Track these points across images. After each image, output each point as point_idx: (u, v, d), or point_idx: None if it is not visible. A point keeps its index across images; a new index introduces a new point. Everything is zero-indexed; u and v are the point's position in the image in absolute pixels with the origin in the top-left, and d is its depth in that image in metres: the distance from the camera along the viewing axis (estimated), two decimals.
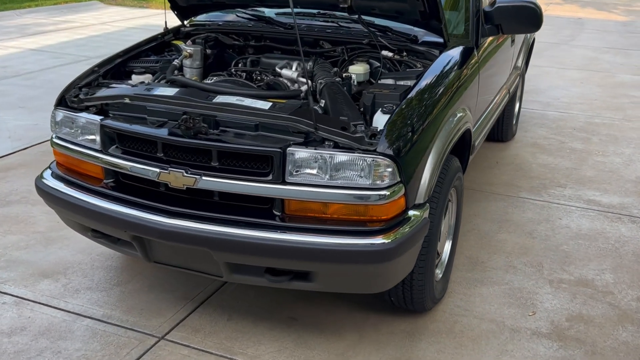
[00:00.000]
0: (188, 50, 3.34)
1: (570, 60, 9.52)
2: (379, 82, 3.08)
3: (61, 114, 2.98)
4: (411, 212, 2.65)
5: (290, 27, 3.53)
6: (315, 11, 3.59)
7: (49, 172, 3.11)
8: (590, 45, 10.69)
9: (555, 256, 3.84)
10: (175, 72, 3.29)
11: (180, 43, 3.71)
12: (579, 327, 3.17)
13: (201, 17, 3.90)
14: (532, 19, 3.54)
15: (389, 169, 2.48)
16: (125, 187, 2.85)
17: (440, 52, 3.26)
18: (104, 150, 2.83)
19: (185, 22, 3.86)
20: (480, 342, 3.04)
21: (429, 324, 3.16)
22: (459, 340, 3.04)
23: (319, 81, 3.01)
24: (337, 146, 2.53)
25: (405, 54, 3.31)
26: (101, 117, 2.83)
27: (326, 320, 3.18)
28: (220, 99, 2.71)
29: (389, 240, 2.51)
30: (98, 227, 2.90)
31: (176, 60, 3.33)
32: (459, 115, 3.10)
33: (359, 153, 2.48)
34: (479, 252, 3.86)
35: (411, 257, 2.70)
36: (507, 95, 4.91)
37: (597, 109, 7.02)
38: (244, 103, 2.67)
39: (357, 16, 3.34)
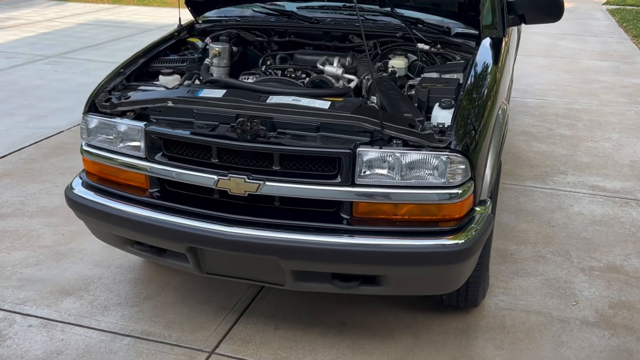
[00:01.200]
0: (216, 49, 3.18)
1: (532, 47, 9.70)
2: (424, 75, 3.00)
3: (95, 120, 2.77)
4: (477, 209, 2.60)
5: (316, 21, 3.41)
6: (340, 4, 3.47)
7: (78, 181, 2.90)
8: (546, 32, 10.92)
9: (579, 244, 3.88)
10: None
11: (196, 40, 3.54)
12: (624, 314, 3.20)
13: (211, 13, 3.72)
14: (554, 8, 3.53)
15: (462, 166, 2.42)
16: (174, 195, 2.68)
17: (477, 44, 3.21)
18: (149, 158, 2.65)
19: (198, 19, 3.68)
20: (534, 336, 3.02)
21: (479, 321, 3.13)
22: (513, 335, 3.02)
23: (366, 77, 2.91)
24: (405, 144, 2.44)
25: (439, 46, 3.25)
26: (144, 123, 2.65)
27: (375, 322, 3.10)
28: (274, 99, 2.57)
29: (464, 240, 2.45)
30: (146, 240, 2.72)
31: (207, 60, 3.16)
32: (503, 108, 3.07)
33: (432, 150, 2.40)
34: (505, 243, 3.86)
35: (478, 255, 2.65)
36: (512, 85, 4.94)
37: (572, 95, 7.18)
38: (301, 103, 2.55)
39: (389, 9, 3.25)
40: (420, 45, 3.20)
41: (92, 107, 2.82)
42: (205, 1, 3.57)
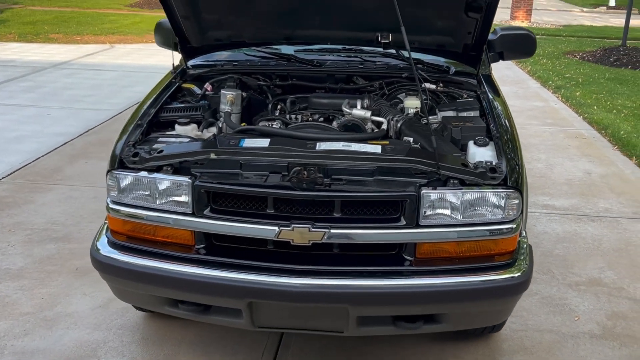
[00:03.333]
0: (230, 96, 3.11)
1: None
2: (442, 114, 3.12)
3: (129, 177, 2.61)
4: (523, 240, 2.73)
5: (318, 63, 3.43)
6: (339, 47, 3.53)
7: (104, 241, 2.71)
8: None
9: (556, 261, 4.16)
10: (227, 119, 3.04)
11: (191, 86, 3.43)
12: (622, 324, 3.47)
13: (198, 59, 3.63)
14: (530, 47, 3.82)
15: (516, 201, 2.54)
16: (224, 250, 2.58)
17: (478, 82, 3.39)
18: (197, 213, 2.54)
19: (189, 64, 3.57)
20: (555, 354, 3.20)
21: (502, 344, 3.26)
22: (538, 355, 3.18)
23: (394, 118, 2.97)
24: (462, 183, 2.53)
25: (441, 84, 3.39)
26: (190, 177, 2.54)
27: (405, 356, 3.14)
28: (323, 146, 2.57)
29: (520, 273, 2.57)
30: (196, 298, 2.58)
31: (227, 108, 3.08)
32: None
33: (492, 188, 2.51)
34: None
35: None
36: None
37: None
38: (352, 148, 2.56)
39: (394, 51, 3.35)
40: (426, 85, 3.32)
41: (119, 163, 2.65)
42: (201, 47, 3.47)
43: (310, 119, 3.16)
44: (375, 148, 2.57)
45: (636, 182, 5.69)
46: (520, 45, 3.81)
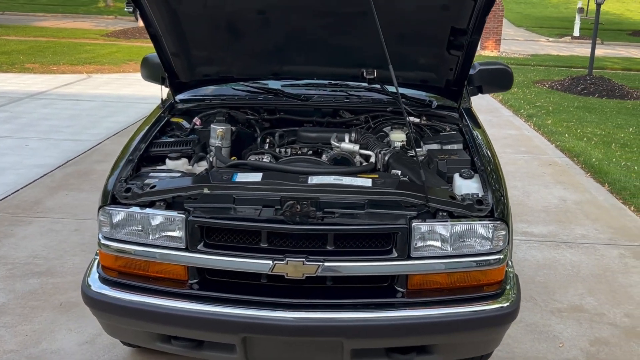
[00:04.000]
0: (219, 130, 3.15)
1: None
2: (428, 147, 3.20)
3: (122, 212, 2.62)
4: (509, 270, 2.80)
5: (305, 98, 3.50)
6: (325, 82, 3.60)
7: (95, 277, 2.71)
8: None
9: (537, 288, 4.24)
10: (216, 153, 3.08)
11: (180, 120, 3.47)
12: (604, 349, 3.55)
13: (186, 94, 3.67)
14: (507, 81, 3.94)
15: (503, 232, 2.62)
16: (217, 285, 2.60)
17: (460, 115, 3.48)
18: (191, 248, 2.56)
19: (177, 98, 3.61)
20: None
21: None
22: None
23: (382, 151, 3.04)
24: (450, 215, 2.60)
25: (424, 118, 3.48)
26: (184, 212, 2.57)
27: None
28: (315, 180, 2.62)
29: (509, 303, 2.63)
30: (190, 334, 2.59)
31: (217, 142, 3.11)
32: None
33: (480, 220, 2.58)
34: None
35: None
36: None
37: None
38: (344, 182, 2.62)
39: (379, 86, 3.44)
40: (410, 118, 3.41)
41: (111, 199, 2.67)
42: (189, 82, 3.52)
43: (299, 152, 3.21)
44: (366, 181, 2.63)
45: (609, 208, 5.84)
46: (498, 79, 3.94)
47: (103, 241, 2.68)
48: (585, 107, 10.88)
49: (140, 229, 2.62)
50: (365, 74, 3.35)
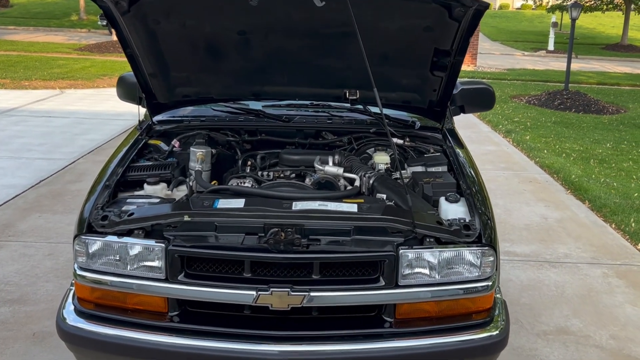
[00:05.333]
0: (199, 153, 3.06)
1: None
2: (411, 170, 3.14)
3: (98, 242, 2.52)
4: (497, 297, 2.74)
5: (287, 119, 3.43)
6: (307, 102, 3.54)
7: (70, 309, 2.60)
8: None
9: (523, 310, 4.19)
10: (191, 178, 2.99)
11: (158, 142, 3.38)
12: None
13: (165, 115, 3.58)
14: (489, 100, 3.91)
15: (491, 258, 2.56)
16: (199, 317, 2.51)
17: (443, 136, 3.44)
18: (171, 279, 2.46)
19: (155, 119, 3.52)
20: None
21: None
22: None
23: (367, 175, 2.97)
24: (437, 241, 2.53)
25: (407, 139, 3.42)
26: (163, 241, 2.47)
27: None
28: (299, 205, 2.54)
29: (498, 331, 2.57)
30: None
31: (197, 166, 3.02)
32: None
33: (467, 246, 2.52)
34: None
35: None
36: None
37: None
38: (329, 208, 2.55)
39: (361, 106, 3.38)
40: (394, 140, 3.35)
41: (87, 227, 2.56)
42: (167, 103, 3.43)
43: (282, 175, 3.13)
44: (351, 207, 2.56)
45: (591, 226, 5.84)
46: (480, 99, 3.90)
47: (79, 272, 2.57)
48: (562, 122, 10.97)
49: (117, 259, 2.52)
50: (347, 94, 3.29)
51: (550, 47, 25.88)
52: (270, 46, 3.21)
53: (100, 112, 10.30)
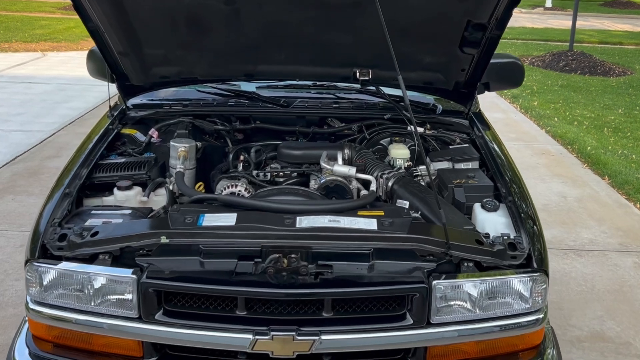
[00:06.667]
0: (182, 149, 2.53)
1: None
2: (437, 167, 2.63)
3: (53, 270, 2.00)
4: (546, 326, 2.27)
5: (286, 103, 2.88)
6: (309, 82, 2.98)
7: (24, 351, 2.10)
8: None
9: (551, 310, 3.64)
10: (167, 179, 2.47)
11: (133, 132, 2.84)
12: None
13: (141, 97, 3.02)
14: (518, 76, 3.36)
15: (544, 285, 2.08)
16: None
17: (470, 122, 2.91)
18: (145, 318, 1.96)
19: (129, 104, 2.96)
20: None
21: None
22: None
23: (384, 175, 2.46)
24: (478, 266, 2.04)
25: (429, 126, 2.90)
26: (133, 270, 1.96)
27: None
28: (305, 222, 2.03)
29: None
30: None
31: (179, 166, 2.49)
32: None
33: (514, 272, 2.03)
34: None
35: None
36: None
37: None
38: (341, 224, 2.04)
39: (374, 87, 2.84)
40: (413, 128, 2.82)
41: (41, 250, 2.05)
42: (143, 86, 2.87)
43: (281, 174, 2.61)
44: (370, 222, 2.05)
45: (613, 205, 5.38)
46: (508, 74, 3.34)
47: (32, 305, 2.07)
48: (569, 85, 10.43)
49: (79, 290, 2.01)
50: (358, 74, 2.74)
51: (548, 4, 25.09)
52: (265, 16, 2.61)
53: (84, 77, 9.54)
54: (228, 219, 2.05)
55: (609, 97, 9.70)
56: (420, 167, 2.65)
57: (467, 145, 2.77)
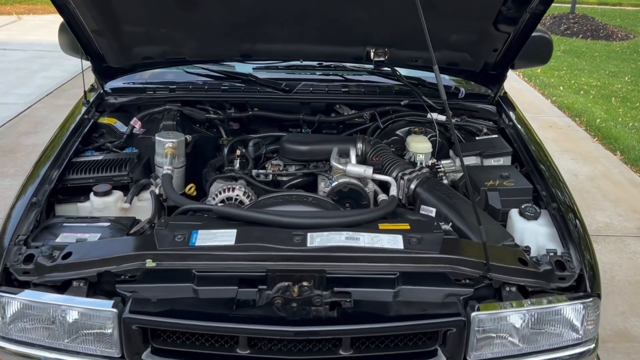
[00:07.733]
0: (169, 145, 2.18)
1: None
2: (457, 161, 2.30)
3: (16, 301, 1.67)
4: None
5: (287, 87, 2.52)
6: (315, 63, 2.61)
7: None
8: None
9: None
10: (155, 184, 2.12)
11: (112, 121, 2.48)
12: None
13: (121, 80, 2.64)
14: (546, 53, 2.99)
15: (597, 311, 1.78)
16: None
17: (498, 108, 2.57)
18: (129, 358, 1.65)
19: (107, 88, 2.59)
20: None
21: None
22: None
23: (405, 176, 2.12)
24: (522, 290, 1.74)
25: (451, 113, 2.55)
26: (113, 299, 1.64)
27: None
28: (318, 240, 1.71)
29: None
30: None
31: (167, 166, 2.13)
32: None
33: (566, 298, 1.73)
34: None
35: None
36: None
37: None
38: (361, 243, 1.72)
39: (389, 69, 2.49)
40: (434, 116, 2.48)
41: (4, 275, 1.71)
42: (123, 68, 2.48)
43: (284, 170, 2.27)
44: (394, 240, 1.73)
45: (628, 185, 5.09)
46: (535, 51, 2.96)
47: None
48: (572, 51, 10.07)
49: (49, 324, 1.68)
50: (372, 54, 2.37)
51: None
52: None
53: None
54: (226, 236, 1.72)
55: (613, 63, 9.36)
56: (443, 162, 2.31)
57: (496, 136, 2.44)
